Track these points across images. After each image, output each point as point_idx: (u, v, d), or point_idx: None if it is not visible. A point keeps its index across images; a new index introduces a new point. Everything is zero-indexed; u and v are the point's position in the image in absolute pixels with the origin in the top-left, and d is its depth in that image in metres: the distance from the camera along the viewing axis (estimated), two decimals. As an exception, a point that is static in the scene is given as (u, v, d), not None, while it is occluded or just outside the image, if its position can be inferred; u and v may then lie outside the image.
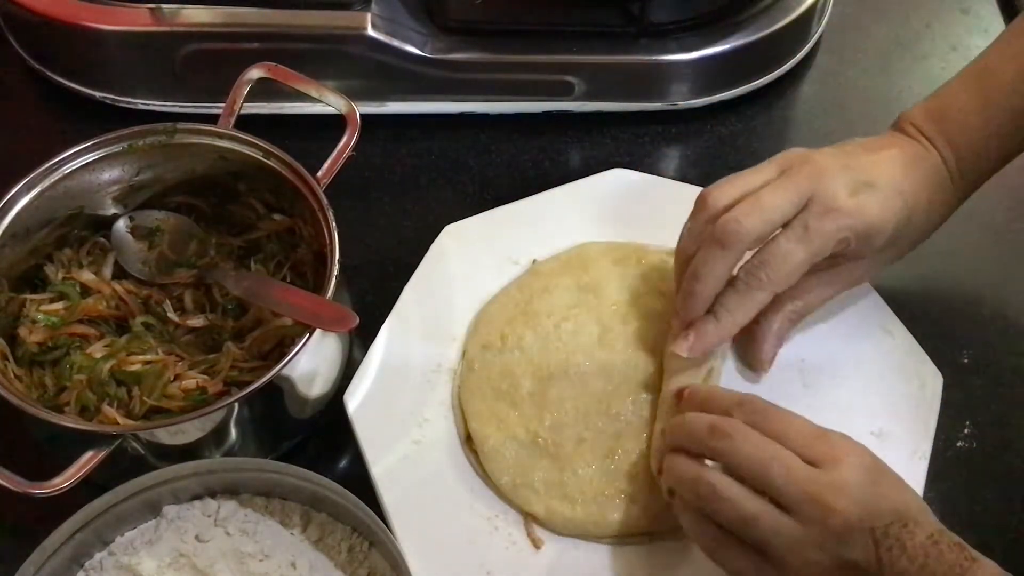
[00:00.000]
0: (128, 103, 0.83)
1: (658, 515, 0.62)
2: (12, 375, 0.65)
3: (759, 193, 0.61)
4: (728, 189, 0.62)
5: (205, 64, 0.80)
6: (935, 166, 0.66)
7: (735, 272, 0.62)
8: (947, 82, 0.68)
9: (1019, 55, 0.65)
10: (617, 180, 0.77)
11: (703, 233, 0.62)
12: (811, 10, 0.86)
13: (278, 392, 0.64)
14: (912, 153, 0.65)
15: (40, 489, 0.57)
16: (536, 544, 0.63)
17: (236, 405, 0.62)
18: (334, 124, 0.71)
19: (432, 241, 0.74)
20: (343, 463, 0.69)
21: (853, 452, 0.55)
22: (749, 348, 0.67)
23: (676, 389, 0.63)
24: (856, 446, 0.56)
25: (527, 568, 0.62)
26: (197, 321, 0.70)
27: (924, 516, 0.54)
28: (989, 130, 0.65)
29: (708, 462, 0.57)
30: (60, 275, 0.70)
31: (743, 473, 0.55)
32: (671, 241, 0.67)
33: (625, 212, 0.75)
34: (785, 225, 0.61)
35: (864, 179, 0.62)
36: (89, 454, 0.58)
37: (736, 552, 0.55)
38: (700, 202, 0.63)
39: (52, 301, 0.69)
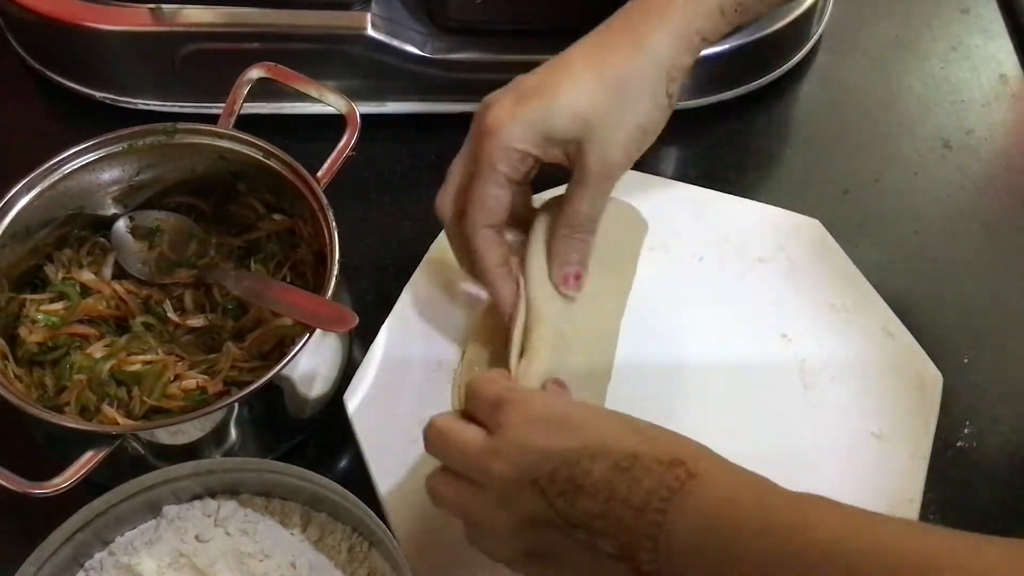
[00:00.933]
0: (128, 103, 0.83)
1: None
2: (12, 375, 0.65)
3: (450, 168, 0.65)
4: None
5: (205, 64, 0.80)
6: (650, 29, 0.62)
7: None
8: None
9: None
10: (617, 180, 0.77)
11: None
12: (811, 10, 0.85)
13: (278, 392, 0.64)
14: (616, 14, 0.63)
15: (40, 489, 0.57)
16: (536, 544, 0.63)
17: (236, 405, 0.62)
18: (334, 124, 0.71)
19: (432, 241, 0.74)
20: (343, 463, 0.69)
21: (521, 410, 0.53)
22: None
23: None
24: (527, 403, 0.53)
25: (527, 568, 0.62)
26: (197, 321, 0.70)
27: (613, 447, 0.50)
28: None
29: None
30: (60, 275, 0.70)
31: (443, 464, 0.55)
32: (670, 239, 0.67)
33: (625, 212, 0.75)
34: None
35: (525, 88, 0.62)
36: (89, 454, 0.58)
37: (481, 534, 0.55)
38: None
39: (52, 301, 0.69)
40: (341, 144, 0.70)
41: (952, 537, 0.44)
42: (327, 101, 0.72)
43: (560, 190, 0.77)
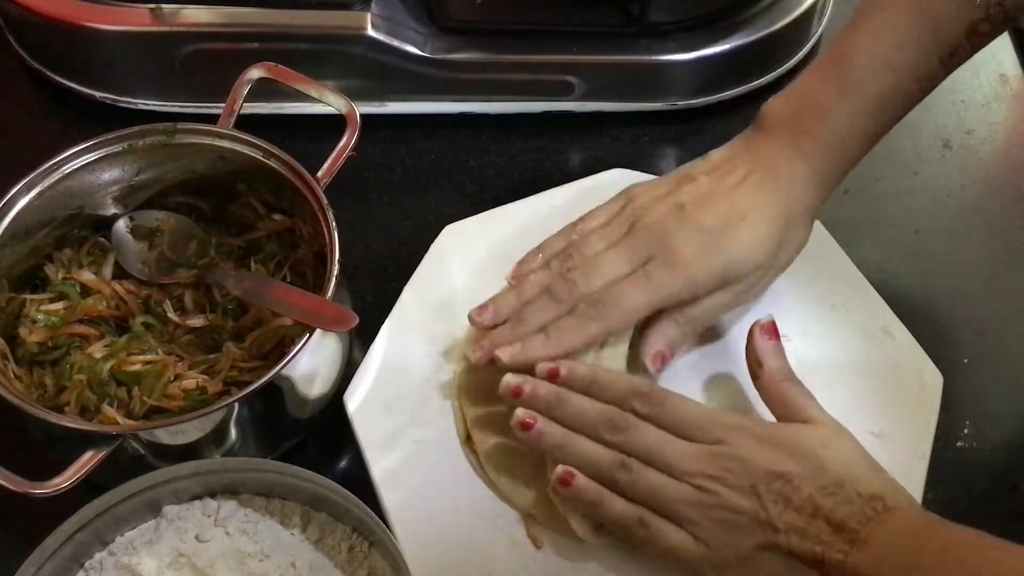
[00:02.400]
0: (128, 103, 0.83)
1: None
2: (12, 375, 0.65)
3: (599, 258, 0.65)
4: (584, 247, 0.66)
5: (205, 64, 0.80)
6: (796, 173, 0.66)
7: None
8: (803, 72, 0.68)
9: (872, 37, 0.65)
10: (617, 180, 0.77)
11: (542, 281, 0.66)
12: (811, 10, 0.86)
13: (278, 392, 0.64)
14: (769, 171, 0.66)
15: (40, 489, 0.57)
16: (537, 544, 0.63)
17: (236, 405, 0.62)
18: (334, 124, 0.71)
19: (432, 241, 0.74)
20: (343, 463, 0.69)
21: (743, 428, 0.59)
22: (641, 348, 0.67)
23: (550, 368, 0.62)
24: (749, 422, 0.60)
25: (528, 568, 0.62)
26: (197, 321, 0.70)
27: (823, 474, 0.56)
28: (850, 117, 0.65)
29: None
30: (60, 275, 0.70)
31: (638, 459, 0.59)
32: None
33: (625, 212, 0.75)
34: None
35: (708, 230, 0.64)
36: (89, 454, 0.58)
37: (665, 526, 0.58)
38: (545, 247, 0.68)
39: (52, 301, 0.69)
40: (341, 144, 0.70)
41: None
42: (327, 101, 0.72)
43: (560, 190, 0.77)
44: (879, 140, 0.67)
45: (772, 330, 0.64)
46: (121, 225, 0.73)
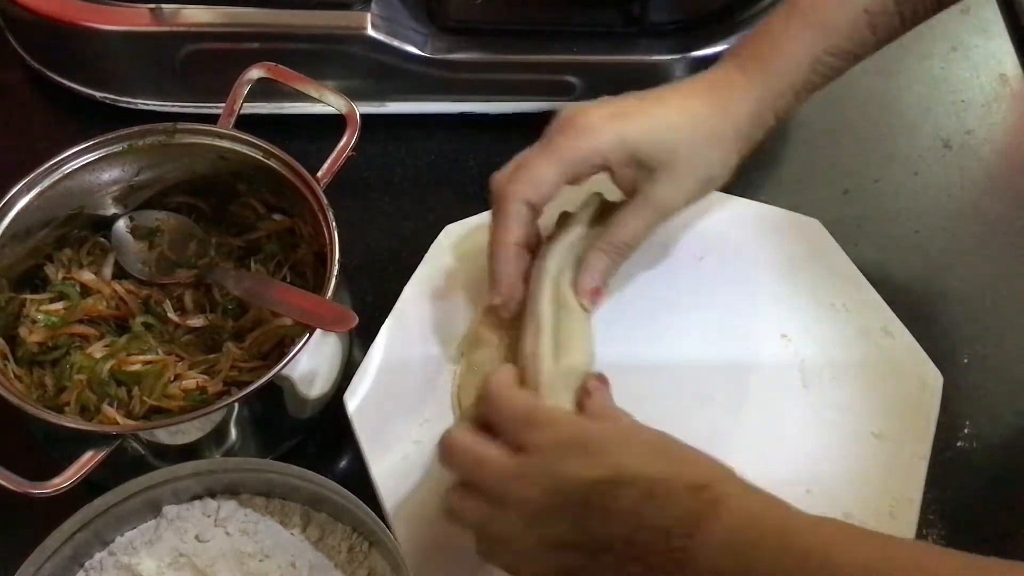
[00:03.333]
0: (128, 103, 0.83)
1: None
2: (12, 375, 0.65)
3: (521, 157, 0.65)
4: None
5: (205, 64, 0.80)
6: (731, 85, 0.65)
7: None
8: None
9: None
10: (617, 180, 0.77)
11: None
12: (811, 10, 0.85)
13: (278, 392, 0.64)
14: (700, 77, 0.66)
15: (40, 489, 0.57)
16: (536, 544, 0.63)
17: (236, 405, 0.62)
18: (334, 124, 0.71)
19: (432, 241, 0.74)
20: (343, 463, 0.69)
21: (550, 432, 0.53)
22: None
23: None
24: (557, 425, 0.54)
25: (527, 568, 0.62)
26: (197, 321, 0.70)
27: (642, 473, 0.50)
28: (792, 35, 0.65)
29: None
30: (60, 275, 0.70)
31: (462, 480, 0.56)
32: (670, 239, 0.67)
33: (625, 212, 0.75)
34: None
35: (620, 107, 0.64)
36: (89, 454, 0.58)
37: (500, 551, 0.55)
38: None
39: (52, 301, 0.69)
40: (341, 144, 0.71)
41: (969, 561, 0.45)
42: (327, 101, 0.72)
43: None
44: (827, 80, 0.66)
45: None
46: (121, 225, 0.73)
